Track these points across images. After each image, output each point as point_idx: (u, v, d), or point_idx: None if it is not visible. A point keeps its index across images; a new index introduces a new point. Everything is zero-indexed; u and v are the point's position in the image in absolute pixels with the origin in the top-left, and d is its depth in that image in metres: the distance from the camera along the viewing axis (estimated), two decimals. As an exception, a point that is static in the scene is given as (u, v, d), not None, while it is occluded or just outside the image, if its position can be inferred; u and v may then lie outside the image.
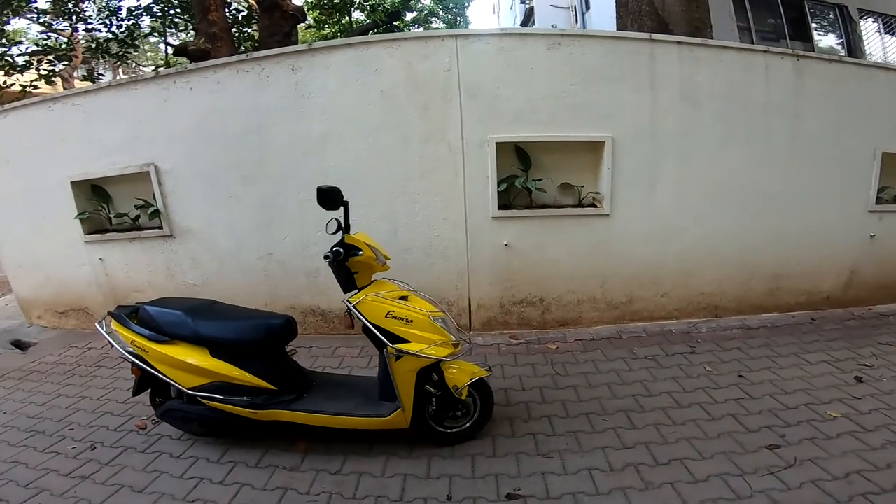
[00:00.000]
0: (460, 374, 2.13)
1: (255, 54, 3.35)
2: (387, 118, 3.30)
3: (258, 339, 2.17)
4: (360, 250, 2.05)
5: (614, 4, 5.03)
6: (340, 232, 2.25)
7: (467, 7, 15.86)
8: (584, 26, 15.98)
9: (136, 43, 9.77)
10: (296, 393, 2.22)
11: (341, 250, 2.03)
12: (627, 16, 4.66)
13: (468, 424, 2.22)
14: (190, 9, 7.83)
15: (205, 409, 2.21)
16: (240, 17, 9.35)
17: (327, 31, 12.66)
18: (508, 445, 2.20)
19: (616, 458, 2.07)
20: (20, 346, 4.00)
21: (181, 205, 3.66)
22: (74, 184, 3.83)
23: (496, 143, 3.28)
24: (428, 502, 1.88)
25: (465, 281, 3.48)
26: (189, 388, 2.15)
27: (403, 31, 12.84)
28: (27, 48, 10.52)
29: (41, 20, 10.07)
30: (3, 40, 9.39)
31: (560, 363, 2.99)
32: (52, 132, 3.81)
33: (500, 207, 3.36)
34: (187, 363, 2.14)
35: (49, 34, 10.77)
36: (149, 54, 15.12)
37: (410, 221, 3.40)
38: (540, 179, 3.40)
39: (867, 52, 9.13)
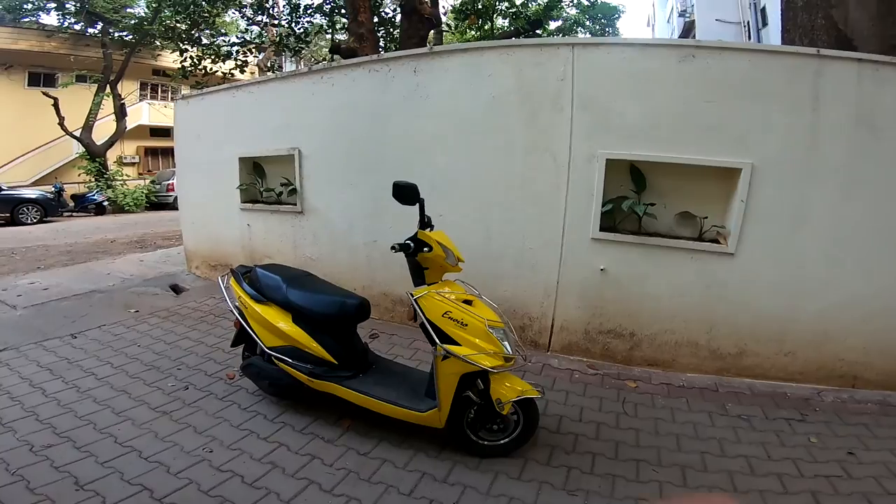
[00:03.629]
0: (507, 389, 2.05)
1: (385, 55, 3.68)
2: (494, 124, 3.33)
3: (333, 314, 2.37)
4: (430, 247, 2.10)
5: (780, 18, 4.39)
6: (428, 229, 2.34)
7: (617, 18, 14.97)
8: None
9: (309, 39, 11.15)
10: (352, 371, 2.38)
11: (411, 244, 2.11)
12: (796, 30, 4.05)
13: (503, 441, 2.16)
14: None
15: (275, 370, 2.47)
16: (387, 19, 10.05)
17: (469, 36, 13.10)
18: (537, 472, 2.10)
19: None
20: (175, 289, 4.87)
21: (312, 186, 4.18)
22: (241, 160, 4.64)
23: (606, 159, 3.08)
24: (432, 504, 1.86)
25: (552, 300, 3.35)
26: (268, 347, 2.43)
27: (544, 39, 12.68)
28: (229, 39, 12.75)
29: (244, 13, 12.07)
30: (215, 32, 11.59)
31: (632, 403, 2.75)
32: (232, 115, 4.65)
33: (601, 229, 3.15)
34: (272, 324, 2.43)
35: (248, 29, 12.93)
36: (323, 52, 17.40)
37: (504, 230, 3.39)
38: (653, 204, 3.10)
39: None
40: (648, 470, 2.14)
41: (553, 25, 13.88)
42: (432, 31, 8.00)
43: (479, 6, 11.59)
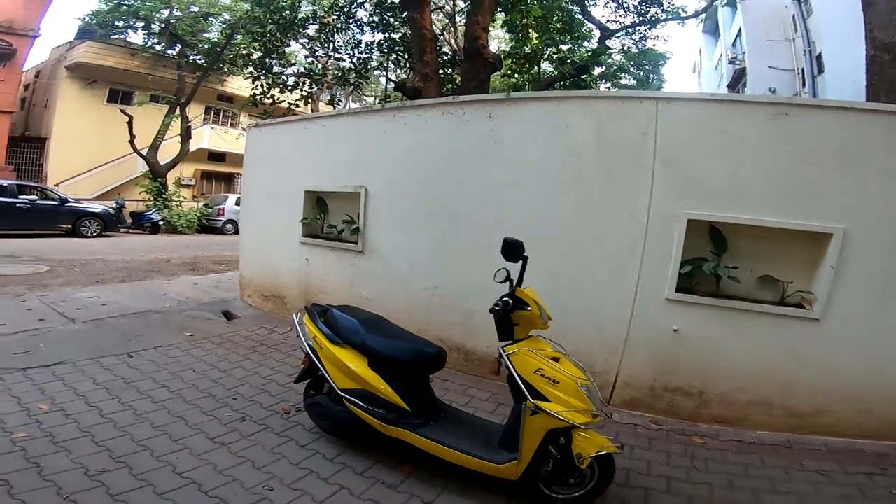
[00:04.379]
0: (588, 444, 2.04)
1: (461, 98, 3.75)
2: (568, 176, 3.32)
3: (411, 361, 2.38)
4: (528, 305, 2.13)
5: (865, 72, 4.24)
6: (508, 283, 2.35)
7: (663, 65, 14.99)
8: (813, 93, 13.69)
9: (368, 74, 11.53)
10: (424, 419, 2.36)
11: (510, 301, 2.13)
12: (882, 85, 3.90)
13: (577, 494, 2.12)
14: (410, 48, 8.96)
15: (343, 411, 2.47)
16: (445, 60, 10.40)
17: (516, 79, 13.39)
18: (610, 528, 2.00)
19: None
20: (228, 316, 4.96)
21: (375, 226, 4.24)
22: (307, 193, 4.77)
23: (688, 219, 3.01)
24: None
25: (618, 357, 3.23)
26: (341, 389, 2.44)
27: (591, 85, 12.77)
28: (296, 69, 13.36)
29: (308, 45, 12.57)
30: (283, 61, 12.20)
31: (702, 458, 2.67)
32: (301, 146, 4.82)
33: (677, 290, 3.05)
34: (347, 366, 2.44)
35: (313, 59, 13.46)
36: (372, 86, 18.18)
37: (574, 286, 3.31)
38: (735, 267, 2.99)
39: None
40: None
41: (597, 71, 13.99)
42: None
43: (528, 50, 11.90)
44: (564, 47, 12.55)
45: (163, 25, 15.66)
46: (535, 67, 12.87)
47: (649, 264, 3.12)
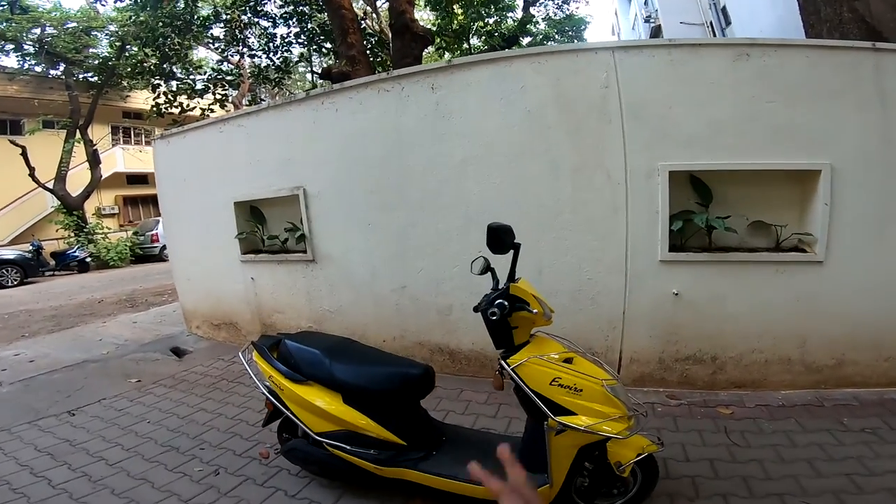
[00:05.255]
0: (624, 448, 1.76)
1: (396, 72, 3.29)
2: (533, 142, 2.98)
3: (393, 389, 1.99)
4: (528, 303, 1.74)
5: (799, 12, 4.25)
6: (491, 274, 2.00)
7: (584, 30, 15.28)
8: (723, 44, 14.23)
9: (290, 69, 10.80)
10: (425, 450, 1.99)
11: (506, 303, 1.72)
12: (822, 24, 3.89)
13: (620, 502, 1.86)
14: (331, 33, 8.38)
15: (326, 455, 2.06)
16: (372, 43, 9.90)
17: (446, 57, 13.12)
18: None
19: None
20: (178, 353, 4.42)
21: (324, 230, 3.74)
22: (237, 204, 4.16)
23: (669, 171, 2.74)
24: None
25: (619, 332, 2.96)
26: (316, 433, 2.02)
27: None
28: (206, 74, 12.27)
29: (217, 47, 11.65)
30: (188, 66, 11.15)
31: (737, 431, 2.47)
32: (221, 153, 4.19)
33: (671, 249, 2.80)
34: (318, 407, 2.01)
35: (223, 62, 12.50)
36: (298, 83, 17.13)
37: (557, 262, 2.99)
38: (728, 217, 2.76)
39: None
40: (797, 502, 1.90)
41: (525, 41, 14.03)
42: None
43: (456, 26, 11.54)
44: (490, 20, 12.41)
45: (37, 45, 13.81)
46: (465, 44, 12.62)
47: (636, 225, 2.85)
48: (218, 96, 9.99)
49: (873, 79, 2.62)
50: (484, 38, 12.09)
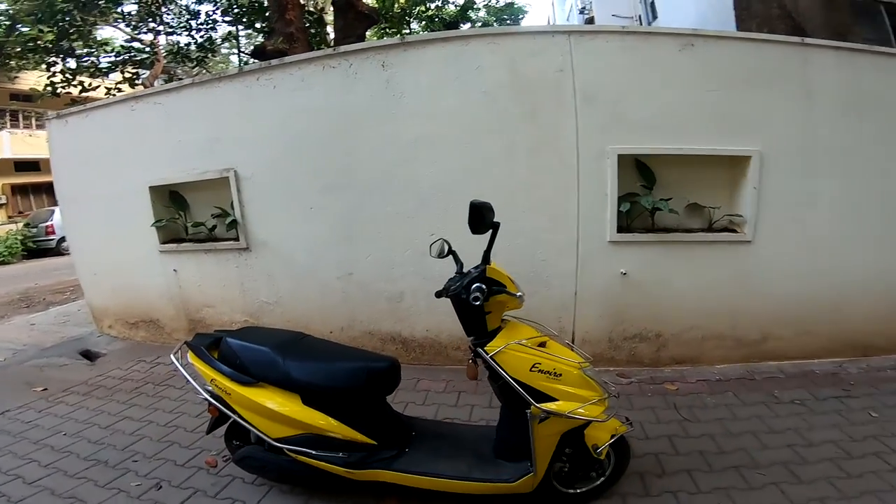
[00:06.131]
0: (599, 431, 1.79)
1: (343, 48, 3.07)
2: (488, 124, 2.91)
3: (359, 386, 1.82)
4: (504, 286, 1.67)
5: (733, 7, 4.55)
6: (453, 257, 1.95)
7: (522, 19, 15.67)
8: (650, 38, 15.19)
9: (214, 47, 9.91)
10: (396, 448, 1.87)
11: (484, 286, 1.63)
12: (751, 19, 4.19)
13: (599, 483, 1.89)
14: (265, 10, 7.83)
15: (288, 461, 1.87)
16: (312, 20, 9.32)
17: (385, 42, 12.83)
18: (646, 507, 1.84)
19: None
20: (89, 356, 3.89)
21: (259, 215, 3.42)
22: (153, 189, 3.70)
23: (618, 155, 2.80)
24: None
25: (571, 313, 3.01)
26: (275, 439, 1.82)
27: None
28: (115, 53, 10.96)
29: (128, 24, 10.43)
30: (92, 44, 9.81)
31: (686, 407, 2.59)
32: (133, 134, 3.69)
33: (618, 231, 2.88)
34: (275, 411, 1.80)
35: (134, 41, 11.17)
36: (220, 65, 15.74)
37: (511, 243, 2.93)
38: (670, 199, 2.88)
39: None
40: (754, 475, 2.00)
41: (464, 27, 14.12)
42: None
43: (397, 9, 11.23)
44: (433, 5, 12.25)
45: None
46: (406, 28, 12.37)
47: (587, 207, 2.89)
48: (128, 75, 8.85)
49: (800, 72, 2.82)
50: (424, 22, 11.90)
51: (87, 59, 8.96)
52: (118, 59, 9.60)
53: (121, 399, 3.04)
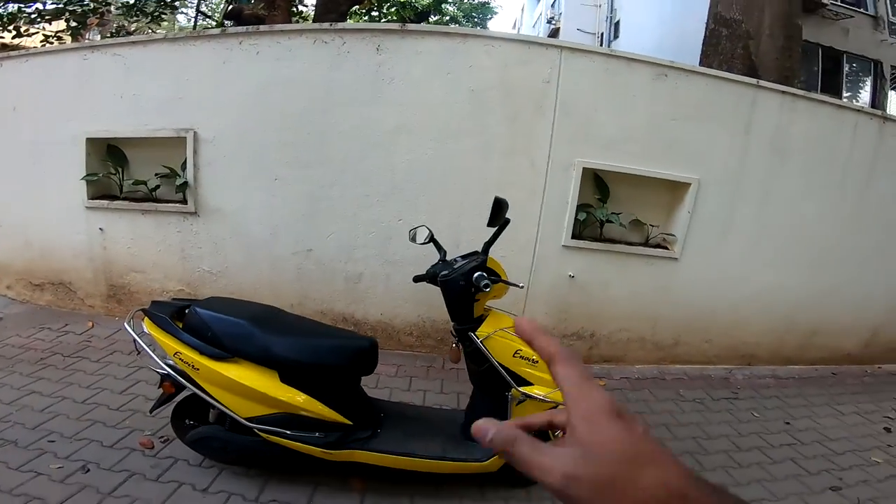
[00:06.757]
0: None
1: (340, 26, 3.00)
2: (472, 121, 3.01)
3: (343, 364, 1.81)
4: (500, 276, 1.80)
5: (702, 41, 4.80)
6: (433, 244, 2.06)
7: (490, 19, 15.93)
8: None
9: (176, 4, 8.92)
10: (370, 429, 1.89)
11: (485, 274, 1.73)
12: (716, 56, 4.48)
13: None
14: None
15: (257, 443, 1.79)
16: None
17: (352, 22, 12.39)
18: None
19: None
20: None
21: (215, 180, 3.21)
22: (90, 141, 3.31)
23: (583, 167, 3.05)
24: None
25: (521, 308, 3.20)
26: (246, 418, 1.74)
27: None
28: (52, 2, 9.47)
29: None
30: None
31: None
32: (80, 82, 3.29)
33: (572, 237, 3.13)
34: (250, 388, 1.71)
35: None
36: (175, 25, 14.00)
37: (476, 238, 3.03)
38: (620, 213, 3.18)
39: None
40: None
41: (432, 20, 14.09)
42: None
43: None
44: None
45: None
46: (380, 13, 12.09)
47: (549, 212, 3.10)
48: (76, 22, 7.62)
49: (748, 111, 3.13)
50: (395, 8, 11.67)
51: (32, 3, 7.59)
52: (65, 6, 8.26)
53: (23, 371, 2.68)
